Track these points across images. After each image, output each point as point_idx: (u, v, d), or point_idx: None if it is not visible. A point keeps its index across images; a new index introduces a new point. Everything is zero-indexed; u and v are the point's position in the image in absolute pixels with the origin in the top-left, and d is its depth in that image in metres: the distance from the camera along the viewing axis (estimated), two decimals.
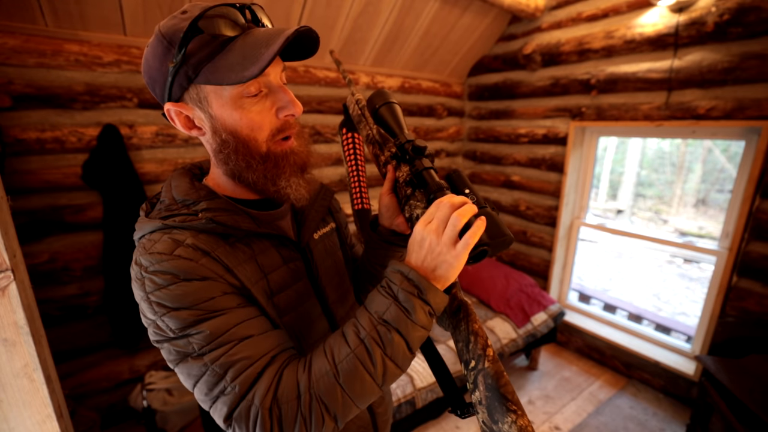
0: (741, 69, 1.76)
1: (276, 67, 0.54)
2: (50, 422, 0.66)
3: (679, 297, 4.54)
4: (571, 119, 2.48)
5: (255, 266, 0.57)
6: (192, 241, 0.52)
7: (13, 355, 0.61)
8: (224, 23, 0.49)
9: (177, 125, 0.56)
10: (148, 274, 0.50)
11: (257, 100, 0.53)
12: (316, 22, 2.04)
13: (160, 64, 0.51)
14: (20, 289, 0.60)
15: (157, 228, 0.54)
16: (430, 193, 0.55)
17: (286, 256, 0.63)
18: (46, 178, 1.62)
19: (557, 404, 2.21)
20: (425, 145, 0.60)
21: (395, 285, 0.49)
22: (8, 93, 1.50)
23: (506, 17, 2.67)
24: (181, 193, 0.58)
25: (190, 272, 0.50)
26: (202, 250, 0.52)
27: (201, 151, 2.01)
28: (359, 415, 0.72)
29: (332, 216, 0.79)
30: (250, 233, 0.58)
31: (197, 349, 0.48)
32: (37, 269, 1.65)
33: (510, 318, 2.26)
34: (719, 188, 7.70)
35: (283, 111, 0.55)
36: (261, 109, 0.54)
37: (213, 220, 0.54)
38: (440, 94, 3.04)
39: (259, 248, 0.59)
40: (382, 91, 0.68)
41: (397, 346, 0.47)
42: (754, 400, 1.44)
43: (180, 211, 0.56)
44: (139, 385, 1.91)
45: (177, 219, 0.54)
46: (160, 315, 0.49)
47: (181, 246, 0.51)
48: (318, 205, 0.71)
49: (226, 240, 0.56)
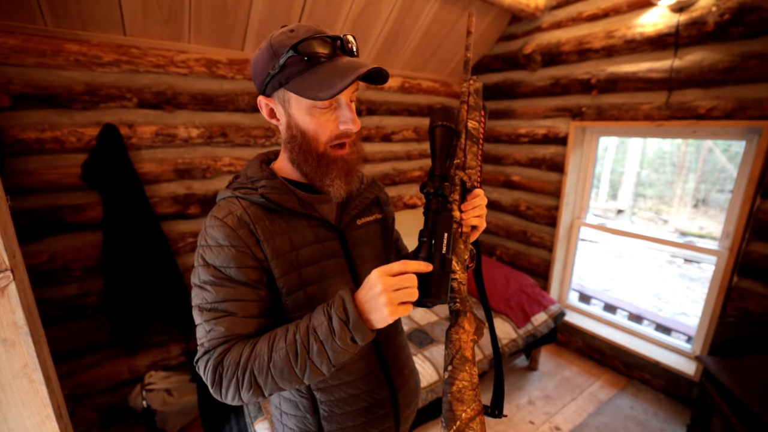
0: (742, 69, 1.76)
1: (348, 89, 0.63)
2: (49, 422, 0.66)
3: (679, 297, 4.54)
4: (572, 119, 2.48)
5: (287, 240, 0.69)
6: (242, 213, 0.67)
7: (12, 356, 0.61)
8: (316, 50, 0.61)
9: (263, 112, 0.71)
10: (205, 230, 0.67)
11: (326, 111, 0.65)
12: (315, 21, 2.04)
13: (264, 66, 0.65)
14: (20, 289, 0.60)
15: (226, 196, 0.71)
16: (420, 235, 0.62)
17: (322, 236, 0.73)
18: (45, 178, 1.62)
19: (557, 404, 2.21)
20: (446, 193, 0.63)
21: (333, 307, 0.58)
22: (7, 93, 1.50)
23: (506, 17, 2.66)
24: (251, 172, 0.73)
25: (227, 239, 0.64)
26: (246, 221, 0.66)
27: (200, 151, 2.00)
28: (378, 389, 0.79)
29: (380, 207, 0.87)
30: (292, 211, 0.70)
31: (202, 303, 0.64)
32: (36, 269, 1.65)
33: (510, 318, 2.25)
34: (720, 188, 7.70)
35: (343, 125, 0.66)
36: (327, 120, 0.66)
37: (264, 196, 0.68)
38: (440, 94, 3.04)
39: (295, 225, 0.71)
40: (444, 110, 0.68)
41: (318, 354, 0.58)
42: (755, 400, 1.44)
43: (246, 186, 0.71)
44: (138, 385, 1.91)
45: (241, 191, 0.69)
46: (198, 265, 0.66)
47: (230, 215, 0.66)
48: (363, 196, 0.81)
49: (270, 214, 0.69)
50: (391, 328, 0.83)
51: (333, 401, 0.75)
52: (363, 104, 2.60)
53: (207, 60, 1.92)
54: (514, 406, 2.20)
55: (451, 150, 0.67)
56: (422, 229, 0.62)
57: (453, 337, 0.58)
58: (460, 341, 0.58)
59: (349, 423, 0.77)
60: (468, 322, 0.61)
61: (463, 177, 0.68)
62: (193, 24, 1.78)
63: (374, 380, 0.78)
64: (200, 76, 1.92)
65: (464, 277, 0.64)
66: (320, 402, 0.75)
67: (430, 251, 0.60)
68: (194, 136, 1.96)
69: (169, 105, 1.86)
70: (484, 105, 0.78)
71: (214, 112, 2.01)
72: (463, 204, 0.67)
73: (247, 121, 2.12)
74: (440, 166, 0.65)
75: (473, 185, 0.69)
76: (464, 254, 0.65)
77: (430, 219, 0.62)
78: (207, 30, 1.83)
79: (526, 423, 2.07)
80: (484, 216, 0.69)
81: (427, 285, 0.58)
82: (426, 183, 0.64)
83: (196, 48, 1.88)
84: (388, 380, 0.80)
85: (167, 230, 1.96)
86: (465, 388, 0.54)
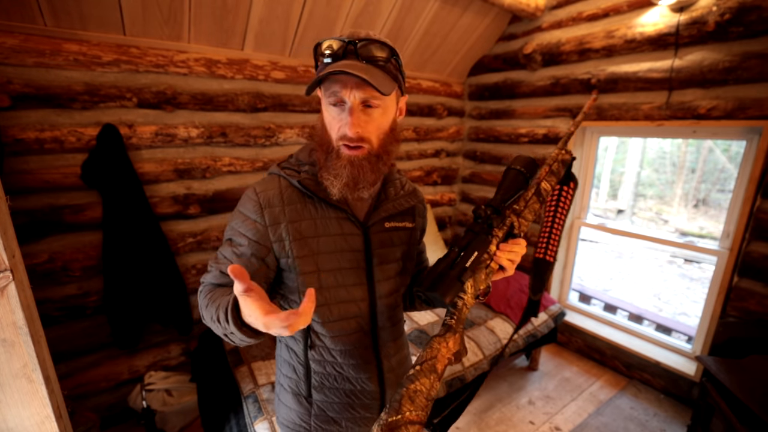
0: (742, 68, 1.76)
1: (352, 91, 0.66)
2: (49, 423, 0.66)
3: (679, 297, 4.54)
4: (572, 119, 2.47)
5: (313, 225, 0.75)
6: (276, 193, 0.74)
7: (12, 356, 0.61)
8: (323, 51, 0.67)
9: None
10: (244, 196, 0.76)
11: (336, 109, 0.69)
12: (315, 21, 2.04)
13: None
14: (19, 289, 0.60)
15: (273, 172, 0.78)
16: (452, 245, 0.69)
17: (346, 229, 0.77)
18: (45, 177, 1.62)
19: (558, 404, 2.21)
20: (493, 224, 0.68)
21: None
22: (7, 93, 1.50)
23: (506, 17, 2.66)
24: (301, 156, 0.80)
25: (254, 211, 0.73)
26: (278, 201, 0.74)
27: (200, 151, 2.00)
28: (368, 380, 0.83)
29: (413, 217, 0.88)
30: (323, 200, 0.75)
31: (219, 248, 0.75)
32: (36, 269, 1.64)
33: (510, 318, 2.25)
34: (720, 188, 7.69)
35: (343, 127, 0.69)
36: (333, 117, 0.70)
37: (300, 182, 0.74)
38: (440, 94, 3.04)
39: (323, 214, 0.76)
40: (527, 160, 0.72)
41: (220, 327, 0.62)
42: (755, 400, 1.43)
43: (292, 167, 0.78)
44: (138, 385, 1.91)
45: (287, 172, 0.76)
46: (230, 220, 0.76)
47: (265, 192, 0.74)
48: (398, 202, 0.83)
49: (304, 198, 0.75)
50: (392, 330, 0.86)
51: (324, 374, 0.81)
52: None
53: (207, 60, 1.92)
54: (514, 406, 2.20)
55: (515, 194, 0.71)
56: (456, 241, 0.67)
57: (434, 345, 0.60)
58: (439, 352, 0.59)
59: (334, 398, 0.83)
60: (454, 341, 0.62)
61: (514, 221, 0.72)
62: (193, 24, 1.78)
63: (365, 371, 0.82)
64: (200, 75, 1.92)
65: (471, 303, 0.67)
66: (313, 372, 0.81)
67: (455, 259, 0.65)
68: (194, 136, 1.96)
69: (168, 105, 1.86)
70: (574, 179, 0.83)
71: (214, 112, 2.01)
72: (502, 243, 0.70)
73: (247, 121, 2.12)
74: (498, 201, 0.69)
75: (519, 233, 0.73)
76: (481, 284, 0.68)
77: (468, 236, 0.67)
78: (207, 30, 1.83)
79: (526, 423, 2.07)
80: (515, 263, 0.71)
81: (438, 281, 0.63)
82: (480, 207, 0.68)
83: (196, 48, 1.88)
84: (379, 376, 0.84)
85: (167, 230, 1.95)
86: (420, 393, 0.54)
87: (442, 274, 0.63)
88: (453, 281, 0.63)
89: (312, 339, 0.79)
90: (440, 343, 0.61)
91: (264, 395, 1.55)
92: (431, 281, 0.63)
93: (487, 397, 2.26)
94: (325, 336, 0.78)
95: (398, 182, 0.86)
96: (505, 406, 2.19)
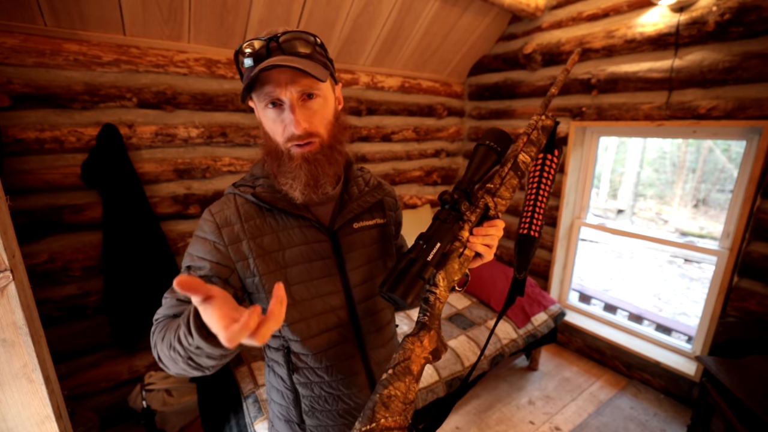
0: (742, 68, 1.76)
1: (287, 87, 0.62)
2: (49, 423, 0.66)
3: (679, 297, 4.54)
4: (572, 119, 2.47)
5: (275, 239, 0.71)
6: (232, 211, 0.70)
7: (11, 356, 0.61)
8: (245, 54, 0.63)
9: None
10: (201, 219, 0.72)
11: (274, 111, 0.65)
12: (315, 21, 2.04)
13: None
14: (19, 289, 0.60)
15: (228, 191, 0.74)
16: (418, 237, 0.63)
17: (311, 237, 0.73)
18: (45, 177, 1.62)
19: (558, 405, 2.21)
20: (461, 209, 0.62)
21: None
22: (7, 92, 1.50)
23: (506, 17, 2.66)
24: (255, 171, 0.76)
25: (211, 232, 0.69)
26: (235, 218, 0.70)
27: (200, 151, 2.00)
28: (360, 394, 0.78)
29: (382, 212, 0.84)
30: (283, 211, 0.71)
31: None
32: (36, 269, 1.64)
33: (510, 318, 2.25)
34: (720, 188, 7.69)
35: (288, 126, 0.65)
36: (273, 121, 0.66)
37: (256, 195, 0.70)
38: (440, 94, 3.04)
39: (284, 225, 0.72)
40: (497, 132, 0.67)
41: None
42: (756, 400, 1.43)
43: (246, 183, 0.74)
44: (138, 385, 1.91)
45: (241, 189, 0.72)
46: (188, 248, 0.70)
47: (221, 212, 0.70)
48: (364, 199, 0.79)
49: (263, 212, 0.72)
50: (378, 335, 0.81)
51: (314, 397, 0.76)
52: (363, 104, 2.60)
53: (207, 60, 1.92)
54: (514, 406, 2.20)
55: (487, 172, 0.65)
56: (422, 233, 0.62)
57: (407, 345, 0.56)
58: (413, 353, 0.56)
59: (329, 421, 0.78)
60: (429, 339, 0.58)
61: (488, 202, 0.66)
62: (193, 24, 1.78)
63: (355, 384, 0.77)
64: (200, 75, 1.92)
65: (445, 296, 0.62)
66: (302, 396, 0.77)
67: (418, 253, 0.60)
68: (194, 136, 1.96)
69: (168, 105, 1.86)
70: (559, 147, 0.75)
71: (214, 112, 2.01)
72: (476, 228, 0.65)
73: (246, 121, 2.12)
74: (467, 183, 0.63)
75: (496, 214, 0.66)
76: (455, 275, 0.63)
77: (433, 226, 0.62)
78: (207, 30, 1.83)
79: (526, 423, 2.07)
80: (493, 247, 0.66)
81: (397, 280, 0.57)
82: (446, 192, 0.63)
83: (196, 48, 1.88)
84: (371, 386, 0.79)
85: (167, 230, 1.95)
86: (395, 398, 0.51)
87: (403, 272, 0.58)
88: (414, 280, 0.57)
89: (294, 362, 0.74)
90: (413, 343, 0.57)
91: (264, 395, 1.54)
92: (391, 282, 0.58)
93: (487, 397, 2.26)
94: (307, 355, 0.73)
95: (361, 180, 0.81)
96: (505, 406, 2.19)
